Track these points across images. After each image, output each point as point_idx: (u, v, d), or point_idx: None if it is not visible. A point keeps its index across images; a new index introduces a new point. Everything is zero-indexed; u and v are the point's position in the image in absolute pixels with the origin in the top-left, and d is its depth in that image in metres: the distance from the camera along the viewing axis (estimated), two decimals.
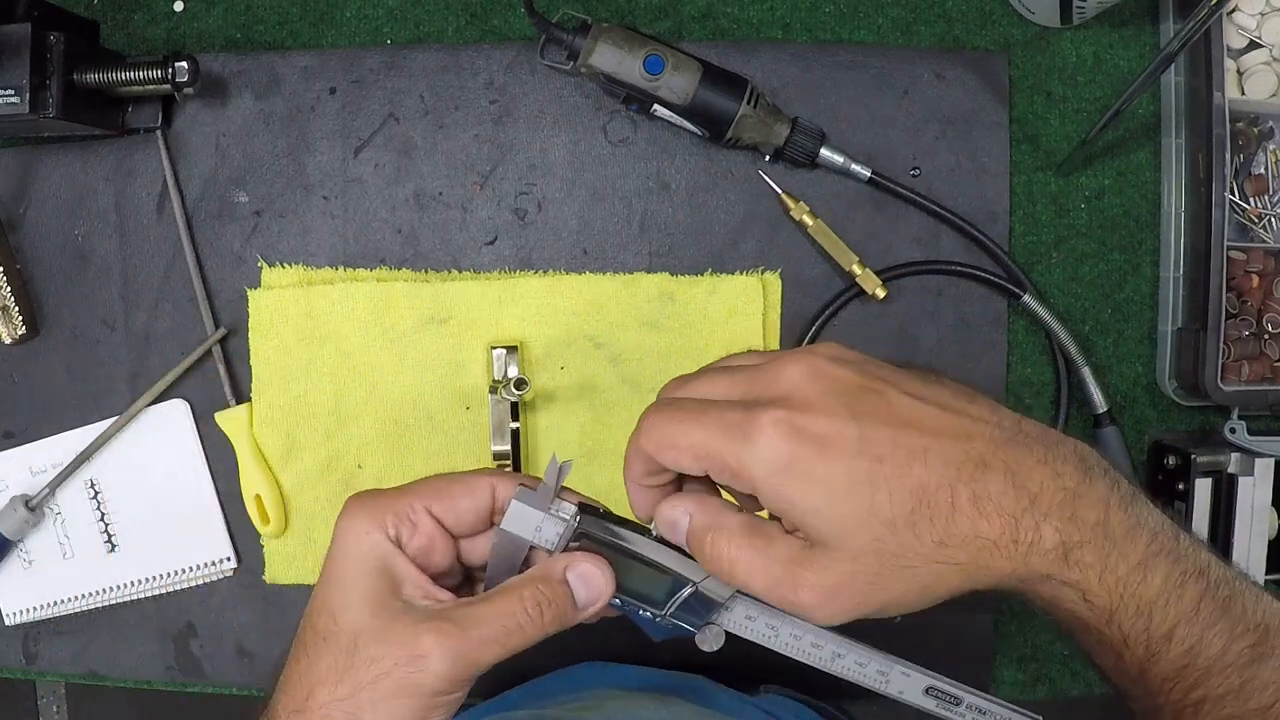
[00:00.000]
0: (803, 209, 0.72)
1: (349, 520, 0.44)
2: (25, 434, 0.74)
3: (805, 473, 0.37)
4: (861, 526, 0.37)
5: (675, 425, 0.40)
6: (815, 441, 0.37)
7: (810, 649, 0.44)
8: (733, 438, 0.38)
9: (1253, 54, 0.72)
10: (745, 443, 0.38)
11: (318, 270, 0.73)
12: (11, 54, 0.61)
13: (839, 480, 0.37)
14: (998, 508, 0.37)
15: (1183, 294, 0.73)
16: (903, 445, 0.37)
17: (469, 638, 0.40)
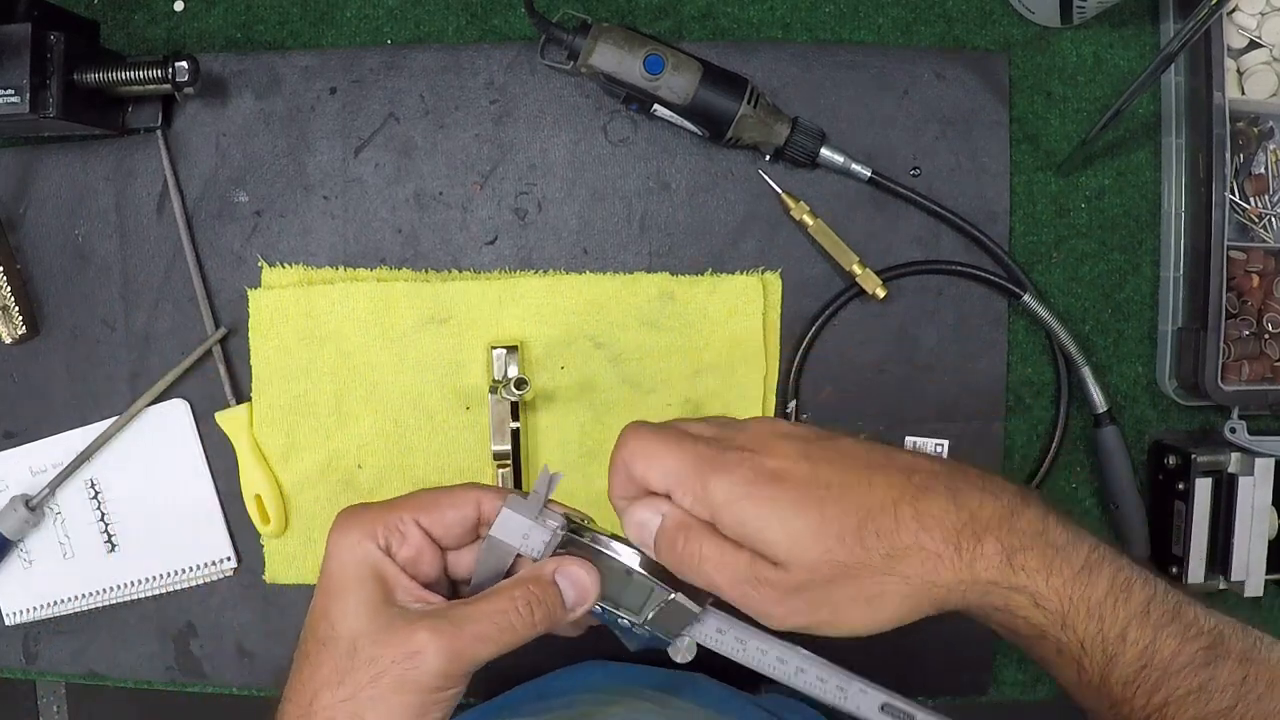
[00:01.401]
0: (803, 209, 0.72)
1: (341, 533, 0.46)
2: (25, 434, 0.74)
3: (762, 498, 0.42)
4: (814, 539, 0.41)
5: (653, 442, 0.44)
6: (771, 474, 0.42)
7: (775, 663, 0.47)
8: (700, 466, 0.43)
9: (1253, 54, 0.72)
10: (712, 471, 0.42)
11: (318, 270, 0.73)
12: (11, 54, 0.61)
13: (790, 503, 0.41)
14: (939, 522, 0.41)
15: (1183, 294, 0.73)
16: (850, 473, 0.42)
17: (462, 634, 0.42)
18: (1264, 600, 0.76)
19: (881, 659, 0.77)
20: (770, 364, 0.73)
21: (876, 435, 0.74)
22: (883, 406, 0.74)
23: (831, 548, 0.41)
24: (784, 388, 0.74)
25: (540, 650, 0.46)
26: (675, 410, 0.73)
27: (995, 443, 0.75)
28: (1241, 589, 0.73)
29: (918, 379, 0.74)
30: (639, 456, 0.44)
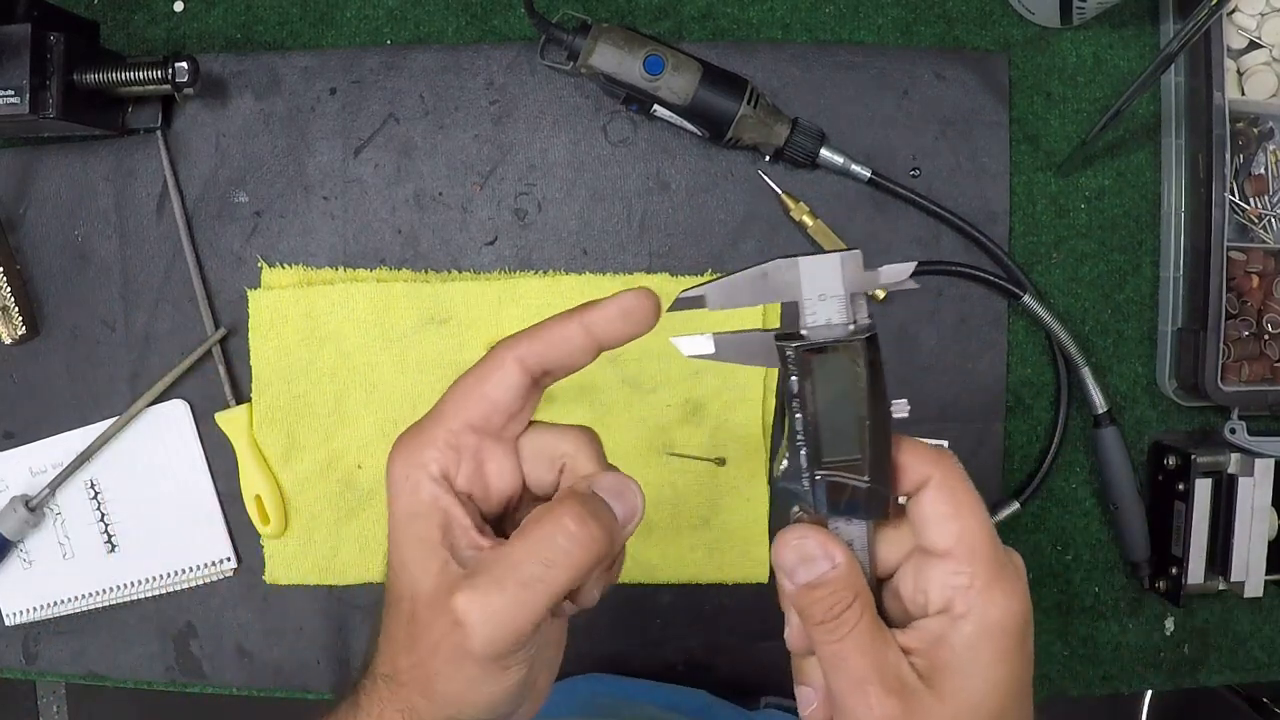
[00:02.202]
0: (803, 209, 0.72)
1: (392, 469, 0.39)
2: (25, 434, 0.74)
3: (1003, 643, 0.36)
4: (986, 695, 0.35)
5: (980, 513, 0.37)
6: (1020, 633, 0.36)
7: None
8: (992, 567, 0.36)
9: (1253, 54, 0.72)
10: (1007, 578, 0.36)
11: (318, 270, 0.73)
12: (11, 54, 0.61)
13: (1008, 662, 0.35)
14: None
15: (1183, 294, 0.73)
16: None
17: (505, 591, 0.35)
18: (1264, 601, 0.76)
19: None
20: None
21: None
22: None
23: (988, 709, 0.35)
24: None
25: None
26: (675, 411, 0.73)
27: (995, 443, 0.75)
28: (1241, 589, 0.73)
29: (918, 379, 0.74)
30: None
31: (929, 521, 0.36)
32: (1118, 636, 0.77)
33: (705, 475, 0.73)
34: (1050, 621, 0.76)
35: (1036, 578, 0.76)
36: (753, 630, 0.75)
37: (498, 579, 0.35)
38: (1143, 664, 0.77)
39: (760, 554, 0.74)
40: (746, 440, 0.73)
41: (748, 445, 0.73)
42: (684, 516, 0.73)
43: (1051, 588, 0.76)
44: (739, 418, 0.73)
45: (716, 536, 0.74)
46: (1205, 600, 0.77)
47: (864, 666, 0.35)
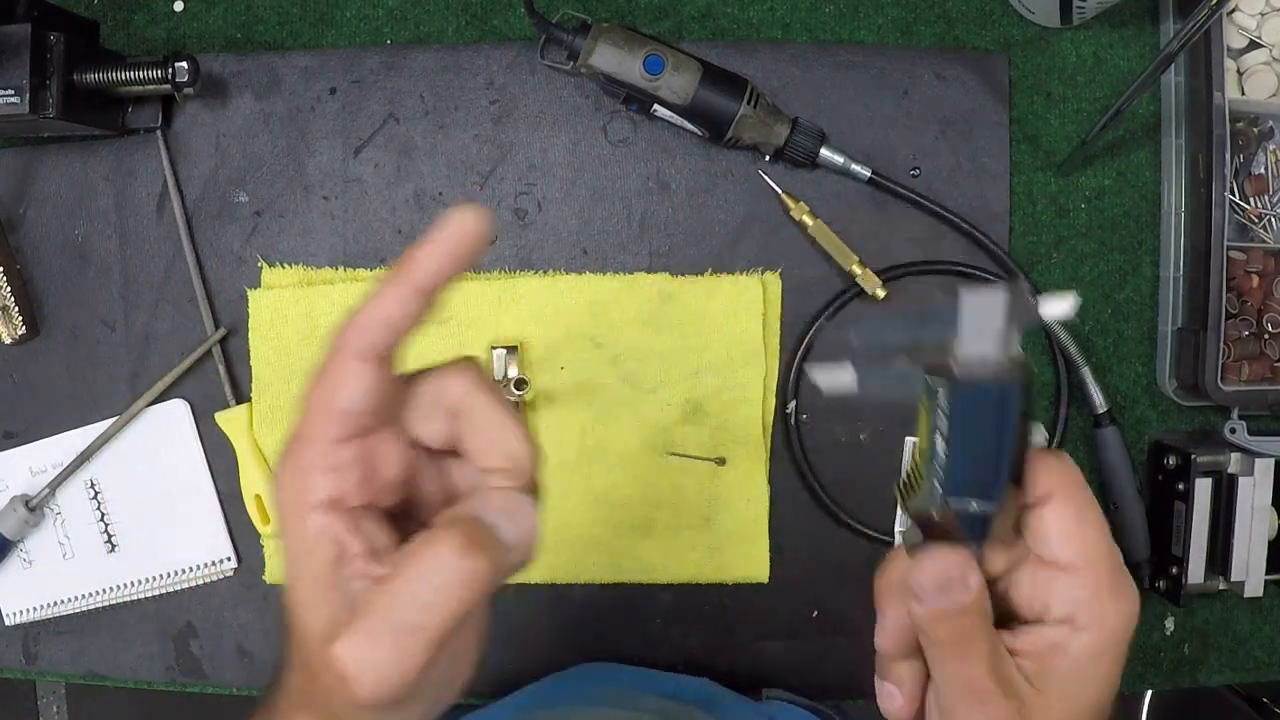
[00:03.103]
0: (803, 209, 0.72)
1: (280, 506, 0.36)
2: (25, 434, 0.74)
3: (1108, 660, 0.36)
4: (1095, 700, 0.36)
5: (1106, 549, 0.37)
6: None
7: None
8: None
9: (1253, 54, 0.72)
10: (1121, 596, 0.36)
11: (318, 270, 0.73)
12: (11, 54, 0.61)
13: (1119, 665, 0.36)
14: None
15: (1183, 294, 0.73)
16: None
17: (382, 642, 0.32)
18: (1264, 601, 0.76)
19: None
20: (770, 364, 0.73)
21: (876, 436, 0.74)
22: (882, 407, 0.74)
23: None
24: (784, 388, 0.74)
25: (542, 649, 0.46)
26: (675, 410, 0.73)
27: None
28: (1241, 589, 0.73)
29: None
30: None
31: (1051, 535, 0.35)
32: None
33: (705, 475, 0.73)
34: None
35: None
36: (753, 630, 0.75)
37: (374, 628, 0.32)
38: (1143, 664, 0.77)
39: (760, 554, 0.74)
40: (746, 440, 0.73)
41: (748, 445, 0.73)
42: (684, 516, 0.73)
43: None
44: (739, 418, 0.73)
45: (716, 536, 0.74)
46: (1205, 600, 0.77)
47: (987, 682, 0.34)
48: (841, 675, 0.76)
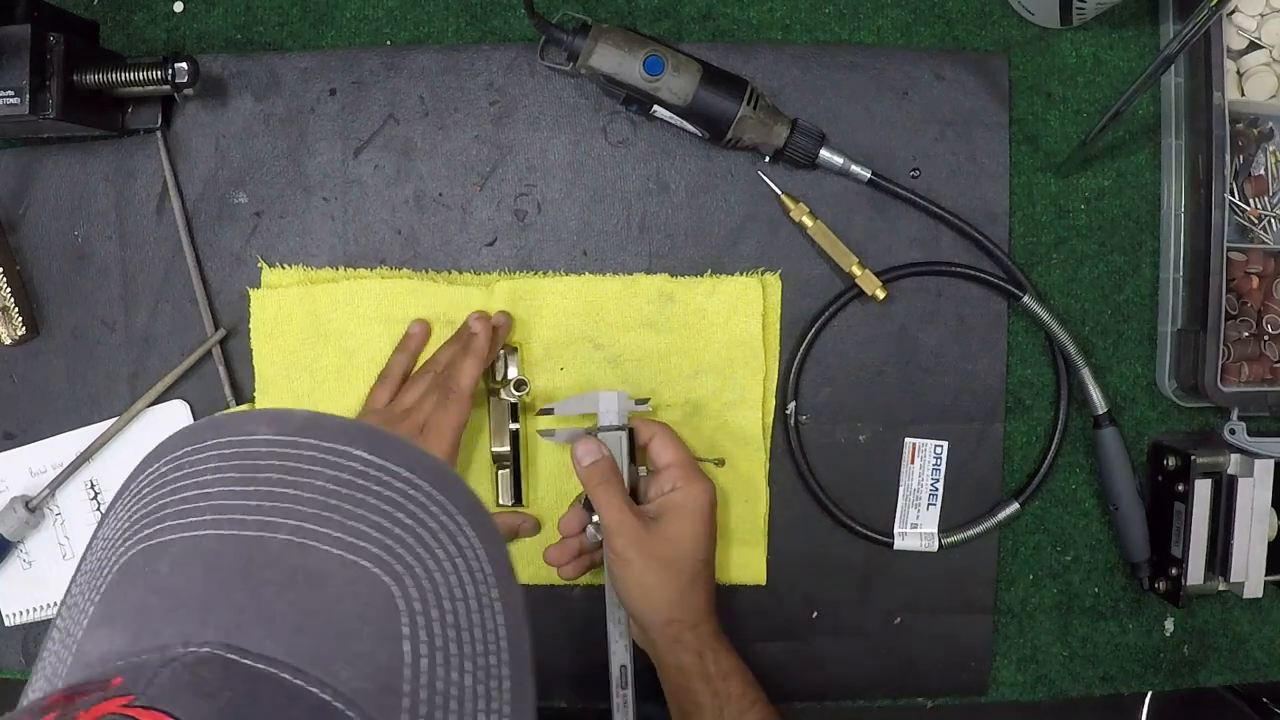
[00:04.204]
0: (802, 210, 0.72)
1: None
2: (25, 435, 0.74)
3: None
4: (683, 532, 0.65)
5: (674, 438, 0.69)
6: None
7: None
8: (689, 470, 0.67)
9: (1252, 55, 0.72)
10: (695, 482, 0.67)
11: (318, 271, 0.73)
12: (11, 55, 0.61)
13: (697, 520, 0.66)
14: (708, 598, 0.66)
15: (1182, 295, 0.73)
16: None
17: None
18: (1264, 601, 0.76)
19: (883, 659, 0.77)
20: (770, 365, 0.73)
21: (876, 436, 0.74)
22: (882, 407, 0.74)
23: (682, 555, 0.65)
24: (784, 388, 0.74)
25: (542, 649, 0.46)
26: (675, 411, 0.73)
27: (995, 444, 0.75)
28: (1241, 590, 0.73)
29: (917, 380, 0.74)
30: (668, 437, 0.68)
31: (656, 453, 0.68)
32: (1118, 637, 0.77)
33: None
34: (1050, 622, 0.76)
35: (1036, 578, 0.76)
36: (752, 630, 0.75)
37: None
38: (1143, 664, 0.77)
39: (759, 555, 0.74)
40: (746, 441, 0.73)
41: (747, 446, 0.73)
42: None
43: (1051, 588, 0.76)
44: (739, 418, 0.73)
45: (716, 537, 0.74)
46: (1205, 601, 0.77)
47: (619, 503, 0.64)
48: (841, 677, 0.76)
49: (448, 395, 0.66)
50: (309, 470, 0.33)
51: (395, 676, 0.30)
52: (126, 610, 0.31)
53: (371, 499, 0.33)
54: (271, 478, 0.33)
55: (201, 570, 0.31)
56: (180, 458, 0.34)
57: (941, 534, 0.75)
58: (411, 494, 0.34)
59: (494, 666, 0.32)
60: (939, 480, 0.75)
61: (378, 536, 0.32)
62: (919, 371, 0.74)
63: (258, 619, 0.29)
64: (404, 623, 0.31)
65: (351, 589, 0.31)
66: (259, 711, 0.27)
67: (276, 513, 0.32)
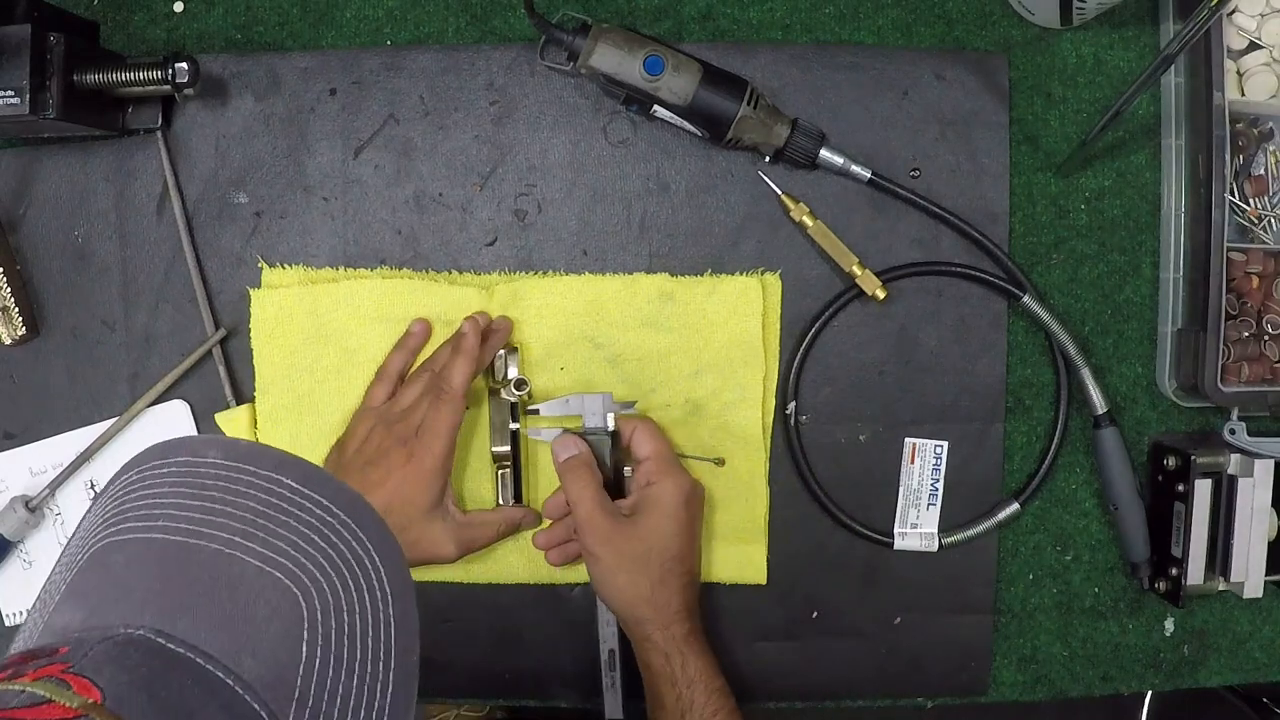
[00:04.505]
0: (803, 210, 0.72)
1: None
2: (25, 434, 0.74)
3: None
4: (662, 526, 0.67)
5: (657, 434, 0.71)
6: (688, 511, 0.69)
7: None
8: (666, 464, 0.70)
9: (1253, 55, 0.72)
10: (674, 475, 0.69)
11: (318, 271, 0.73)
12: (11, 55, 0.61)
13: (676, 514, 0.67)
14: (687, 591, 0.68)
15: (1183, 295, 0.73)
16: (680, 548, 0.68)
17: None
18: (1264, 601, 0.76)
19: (883, 659, 0.77)
20: (770, 364, 0.73)
21: (875, 436, 0.74)
22: (882, 407, 0.74)
23: (656, 550, 0.66)
24: (784, 388, 0.74)
25: (541, 649, 0.46)
26: (675, 410, 0.73)
27: (995, 444, 0.75)
28: (1241, 590, 0.74)
29: (917, 380, 0.74)
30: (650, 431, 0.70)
31: (637, 445, 0.69)
32: (1118, 637, 0.77)
33: (705, 475, 0.73)
34: (1050, 622, 0.76)
35: (1036, 578, 0.76)
36: (752, 630, 0.75)
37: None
38: (1143, 664, 0.77)
39: (759, 554, 0.74)
40: (746, 440, 0.73)
41: (748, 445, 0.73)
42: None
43: (1051, 588, 0.76)
44: (739, 418, 0.73)
45: (715, 537, 0.74)
46: (1205, 601, 0.77)
47: (589, 498, 0.66)
48: (841, 677, 0.76)
49: (440, 396, 0.66)
50: (244, 492, 0.39)
51: (291, 671, 0.35)
52: (87, 592, 0.36)
53: (293, 521, 0.38)
54: (214, 495, 0.38)
55: (147, 566, 0.36)
56: (147, 470, 0.40)
57: (941, 534, 0.75)
58: (329, 520, 0.39)
59: (380, 674, 0.37)
60: (939, 480, 0.75)
61: (293, 554, 0.37)
62: (919, 371, 0.74)
63: (184, 611, 0.35)
64: (305, 628, 0.36)
65: (264, 595, 0.36)
66: (166, 686, 0.32)
67: (212, 525, 0.37)
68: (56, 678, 0.31)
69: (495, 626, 0.75)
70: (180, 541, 0.37)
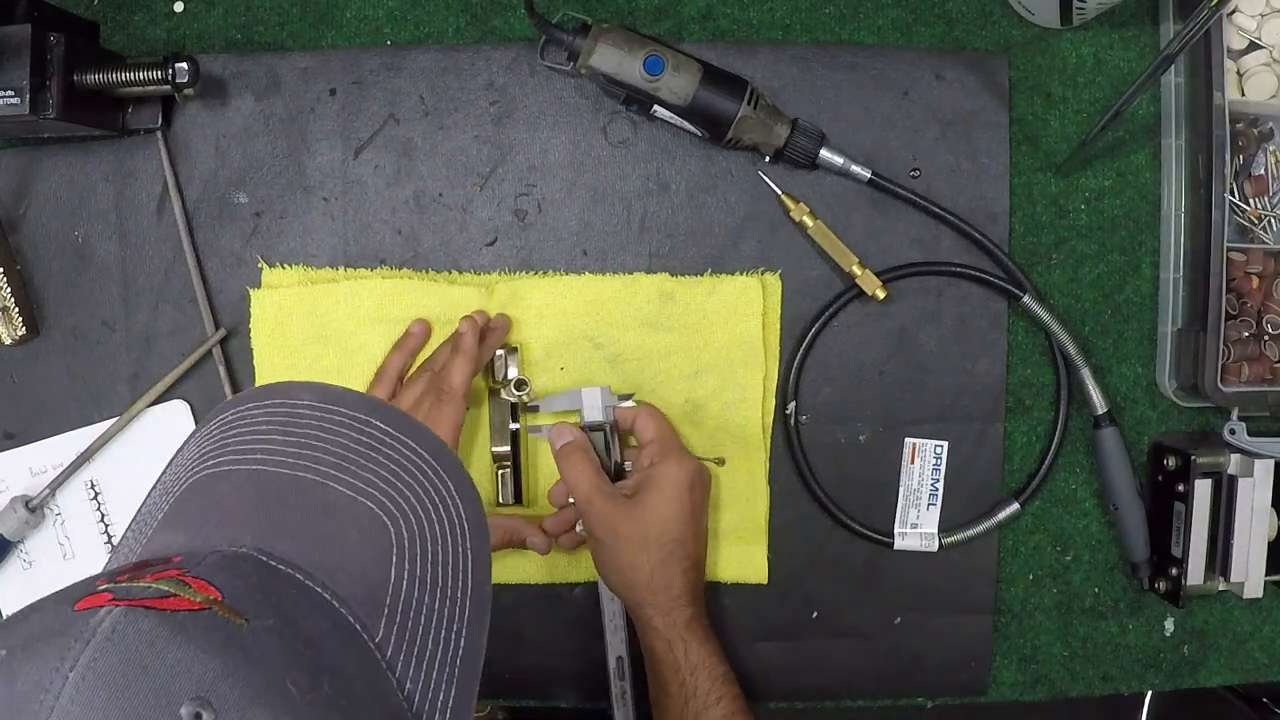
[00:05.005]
0: (803, 210, 0.72)
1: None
2: (25, 434, 0.74)
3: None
4: (663, 508, 0.66)
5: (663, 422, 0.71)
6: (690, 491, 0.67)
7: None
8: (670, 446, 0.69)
9: (1253, 55, 0.72)
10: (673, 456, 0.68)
11: (318, 271, 0.73)
12: (11, 55, 0.61)
13: (678, 496, 0.66)
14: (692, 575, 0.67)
15: (1183, 295, 0.73)
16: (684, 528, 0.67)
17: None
18: (1264, 601, 0.76)
19: (883, 659, 0.77)
20: (770, 364, 0.73)
21: (875, 436, 0.74)
22: (882, 407, 0.74)
23: (659, 533, 0.65)
24: (784, 388, 0.74)
25: (541, 649, 0.46)
26: (675, 411, 0.73)
27: (995, 444, 0.75)
28: (1241, 590, 0.74)
29: (917, 380, 0.74)
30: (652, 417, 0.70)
31: (640, 430, 0.69)
32: (1118, 637, 0.77)
33: None
34: (1050, 622, 0.76)
35: (1036, 578, 0.76)
36: (752, 630, 0.75)
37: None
38: (1143, 664, 0.77)
39: (759, 555, 0.74)
40: (746, 440, 0.73)
41: (748, 445, 0.73)
42: None
43: (1051, 588, 0.76)
44: (739, 418, 0.73)
45: (715, 537, 0.74)
46: (1205, 601, 0.77)
47: (587, 480, 0.66)
48: (841, 677, 0.76)
49: (441, 396, 0.66)
50: (338, 431, 0.43)
51: (381, 591, 0.38)
52: (189, 517, 0.41)
53: (382, 459, 0.42)
54: (309, 432, 0.42)
55: (248, 494, 0.40)
56: (243, 410, 0.44)
57: (941, 534, 0.75)
58: (415, 459, 0.43)
59: (459, 599, 0.41)
60: (939, 480, 0.75)
61: (383, 488, 0.41)
62: (919, 371, 0.74)
63: (284, 533, 0.39)
64: (393, 553, 0.39)
65: (357, 522, 0.40)
66: (276, 592, 0.36)
67: (309, 459, 0.41)
68: (176, 579, 0.34)
69: (496, 626, 0.74)
70: (278, 473, 0.41)
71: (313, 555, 0.38)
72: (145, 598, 0.33)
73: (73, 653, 0.31)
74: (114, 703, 0.30)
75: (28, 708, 0.30)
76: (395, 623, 0.38)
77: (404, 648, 0.37)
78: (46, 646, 0.32)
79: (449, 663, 0.39)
